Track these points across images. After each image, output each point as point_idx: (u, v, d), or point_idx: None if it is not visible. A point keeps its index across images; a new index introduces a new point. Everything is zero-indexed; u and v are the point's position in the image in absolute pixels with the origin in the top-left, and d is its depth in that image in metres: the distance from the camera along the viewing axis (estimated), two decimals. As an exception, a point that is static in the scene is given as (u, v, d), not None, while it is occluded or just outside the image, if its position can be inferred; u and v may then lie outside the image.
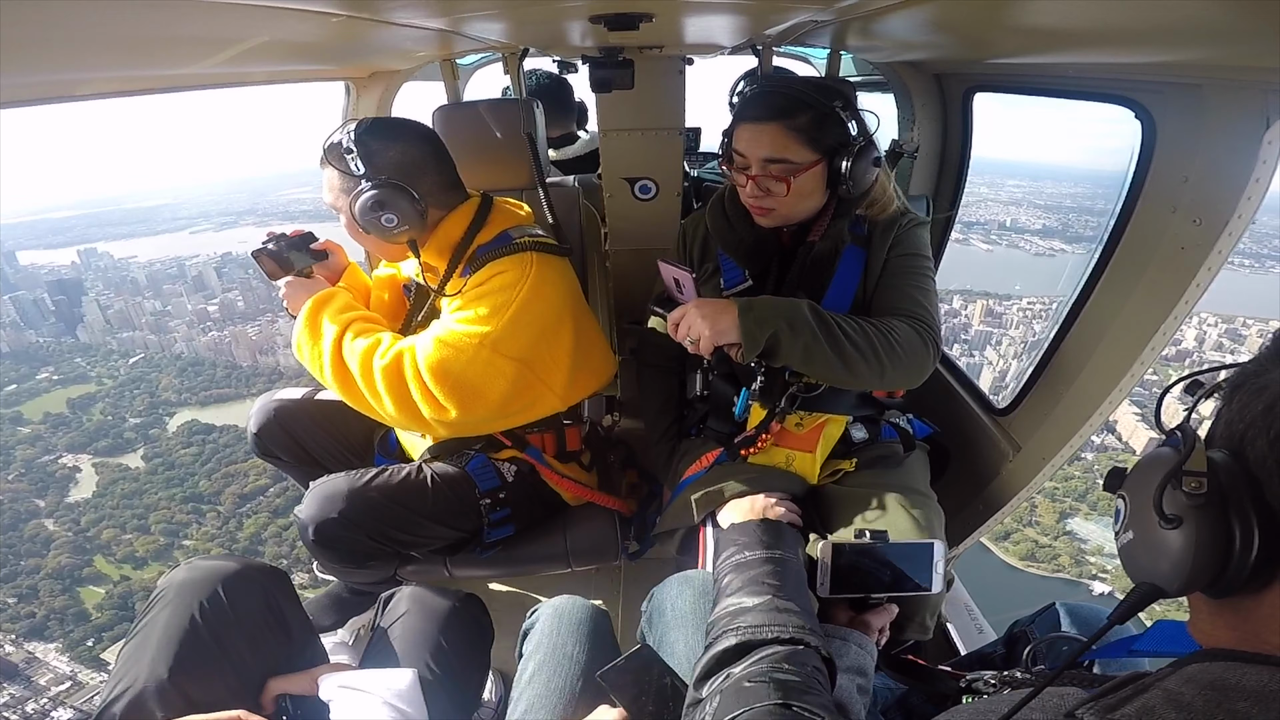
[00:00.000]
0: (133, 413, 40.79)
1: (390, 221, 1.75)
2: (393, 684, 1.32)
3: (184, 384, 43.89)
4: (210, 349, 48.54)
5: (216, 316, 52.13)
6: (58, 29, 0.94)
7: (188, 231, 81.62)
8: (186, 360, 46.91)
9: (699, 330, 1.56)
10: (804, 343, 1.54)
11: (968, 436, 2.38)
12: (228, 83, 2.00)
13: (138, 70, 1.50)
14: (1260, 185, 1.39)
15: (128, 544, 31.02)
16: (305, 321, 1.85)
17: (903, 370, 1.62)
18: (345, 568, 1.98)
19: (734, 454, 1.86)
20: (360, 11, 1.28)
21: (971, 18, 1.37)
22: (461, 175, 1.93)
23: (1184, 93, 1.53)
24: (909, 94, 2.70)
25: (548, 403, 1.96)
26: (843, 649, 1.28)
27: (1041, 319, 39.41)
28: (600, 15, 1.42)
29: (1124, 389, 1.78)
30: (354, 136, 1.74)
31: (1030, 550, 26.81)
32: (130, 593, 28.18)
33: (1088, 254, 1.93)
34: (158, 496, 33.49)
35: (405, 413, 1.80)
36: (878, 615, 1.41)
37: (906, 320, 1.65)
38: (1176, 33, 1.08)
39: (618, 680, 1.19)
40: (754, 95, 1.75)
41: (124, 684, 1.22)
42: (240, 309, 52.61)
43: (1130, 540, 0.75)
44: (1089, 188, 50.46)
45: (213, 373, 45.30)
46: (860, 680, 1.24)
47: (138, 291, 54.86)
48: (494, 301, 1.80)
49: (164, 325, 50.78)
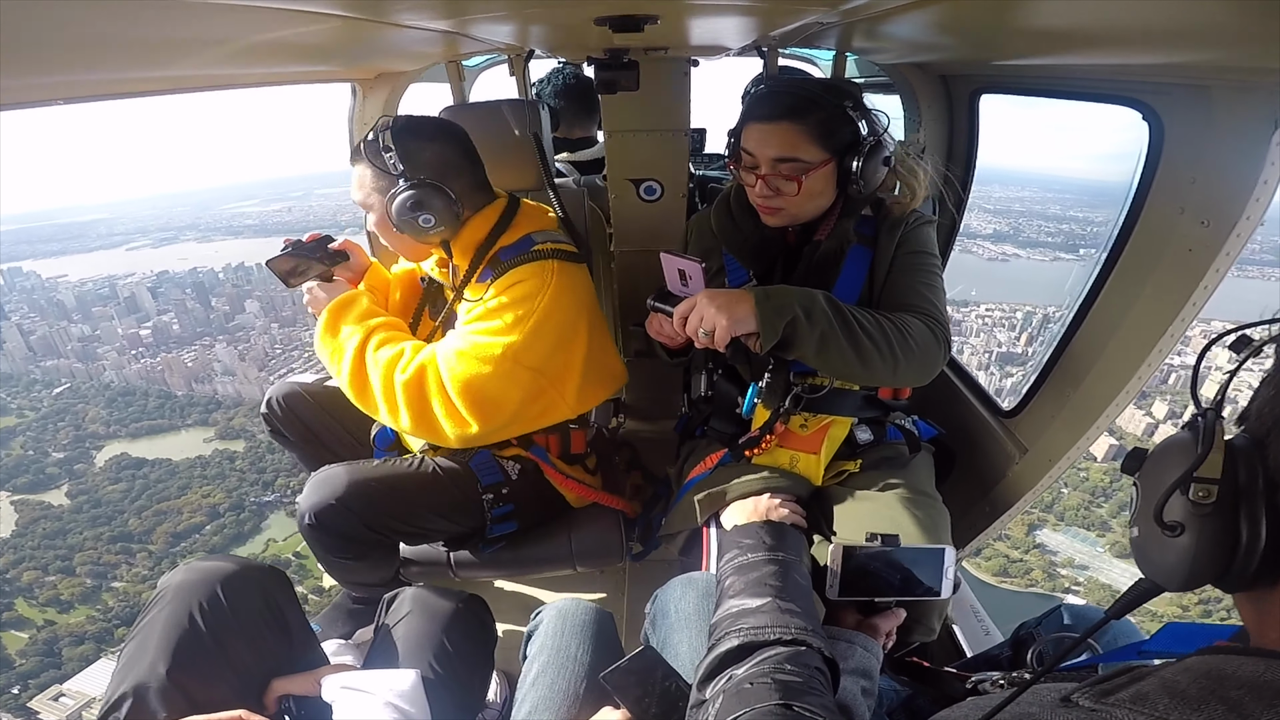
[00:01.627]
0: (56, 446, 39.44)
1: (428, 222, 1.76)
2: (395, 685, 1.32)
3: (113, 415, 42.28)
4: (142, 377, 47.00)
5: (149, 341, 50.47)
6: (63, 30, 0.94)
7: (124, 248, 79.55)
8: (116, 390, 45.29)
9: (713, 320, 1.50)
10: (820, 332, 1.50)
11: (974, 438, 2.37)
12: (233, 84, 2.01)
13: (143, 72, 1.51)
14: (1268, 187, 1.38)
15: (51, 586, 30.00)
16: (325, 327, 1.86)
17: (915, 366, 1.61)
18: (343, 560, 1.96)
19: (738, 455, 1.86)
20: (367, 13, 1.28)
21: (978, 19, 1.37)
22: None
23: (1192, 94, 1.52)
24: (915, 95, 2.70)
25: (559, 411, 1.97)
26: (848, 651, 1.27)
27: (1003, 327, 38.90)
28: (605, 17, 1.41)
29: (1131, 391, 1.77)
30: (392, 135, 1.75)
31: (1003, 566, 26.98)
32: (56, 638, 27.37)
33: (1046, 259, 1.94)
34: (83, 536, 32.36)
35: (423, 426, 1.81)
36: (885, 619, 1.40)
37: (918, 316, 1.64)
38: (1184, 34, 1.07)
39: (621, 682, 1.19)
40: (763, 94, 1.74)
41: (126, 685, 1.22)
42: (175, 332, 51.04)
43: (1136, 536, 0.75)
44: (1036, 191, 50.25)
45: (144, 403, 43.70)
46: (865, 683, 1.24)
47: (64, 315, 52.81)
48: (516, 312, 1.81)
49: (92, 352, 49.03)
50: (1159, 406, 34.78)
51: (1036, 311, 39.29)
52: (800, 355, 1.56)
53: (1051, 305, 40.72)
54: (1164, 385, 35.75)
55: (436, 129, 1.85)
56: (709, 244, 1.96)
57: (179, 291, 56.33)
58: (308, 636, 1.50)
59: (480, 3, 1.33)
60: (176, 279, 59.32)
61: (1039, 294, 43.78)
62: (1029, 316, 39.07)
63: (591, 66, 2.11)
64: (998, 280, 44.13)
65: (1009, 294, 42.56)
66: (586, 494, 2.17)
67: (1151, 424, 34.32)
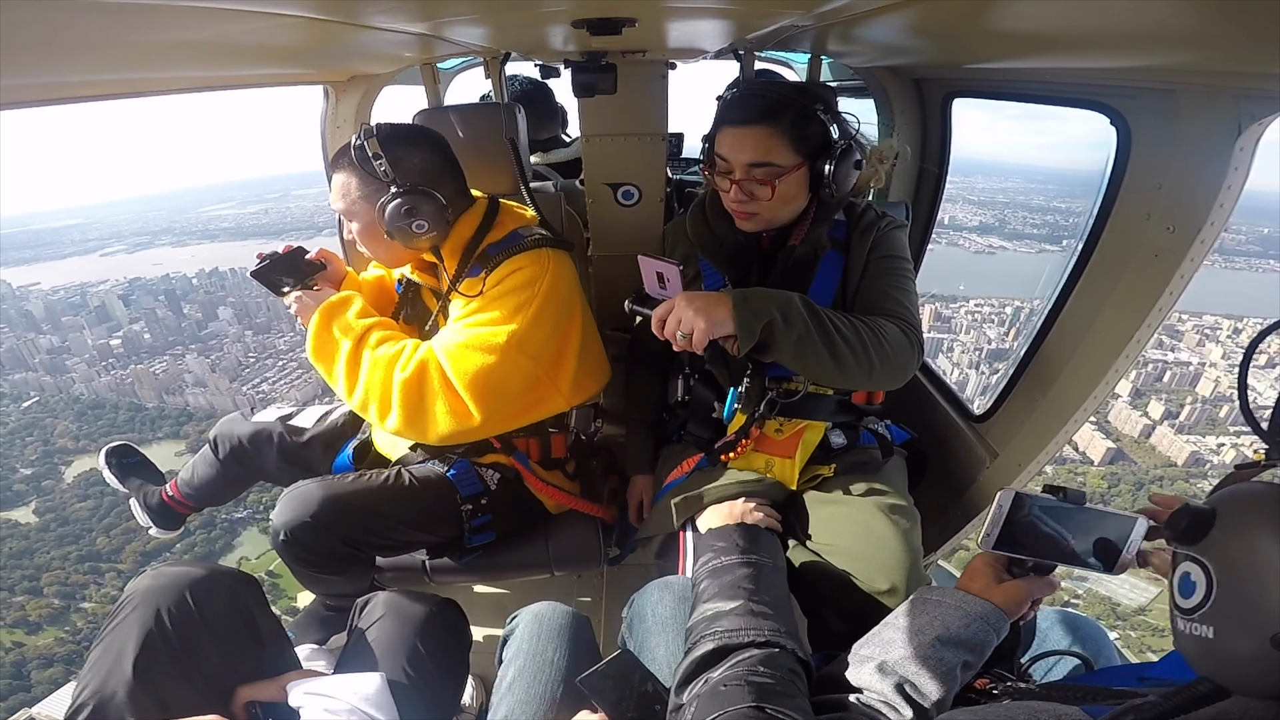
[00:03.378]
0: (24, 462, 38.08)
1: (421, 227, 1.75)
2: (360, 689, 1.31)
3: (82, 429, 40.90)
4: (112, 389, 46.03)
5: (120, 352, 49.42)
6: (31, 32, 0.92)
7: (98, 254, 78.07)
8: (86, 403, 44.10)
9: (691, 323, 1.48)
10: (797, 335, 1.49)
11: (946, 443, 2.40)
12: (204, 86, 1.98)
13: (111, 74, 1.48)
14: (1232, 192, 1.41)
15: (18, 607, 29.03)
16: (318, 327, 1.84)
17: (890, 370, 1.60)
18: (319, 575, 1.94)
19: (714, 459, 1.86)
20: (339, 16, 1.27)
21: (950, 23, 1.38)
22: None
23: (1158, 98, 1.55)
24: (889, 99, 2.73)
25: (553, 402, 1.98)
26: (960, 621, 1.11)
27: (992, 322, 38.84)
28: (583, 20, 1.41)
29: (1099, 396, 1.80)
30: (380, 141, 1.74)
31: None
32: (24, 660, 26.60)
33: (1031, 251, 1.96)
34: (50, 555, 31.36)
35: (414, 424, 1.80)
36: (1039, 584, 1.18)
37: (892, 320, 1.64)
38: (1150, 37, 1.09)
39: (598, 686, 1.18)
40: (736, 98, 1.75)
41: (90, 689, 1.20)
42: (147, 341, 50.10)
43: (1209, 638, 0.63)
44: (1019, 182, 50.65)
45: (114, 416, 42.51)
46: (969, 657, 1.10)
47: (33, 326, 51.70)
48: (516, 299, 1.81)
49: (61, 364, 47.87)
50: (1155, 406, 35.16)
51: (1024, 306, 39.37)
52: (777, 358, 1.55)
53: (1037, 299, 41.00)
54: (1159, 384, 36.17)
55: (420, 136, 1.84)
56: (685, 250, 1.96)
57: (151, 299, 55.11)
58: (280, 642, 1.47)
59: (455, 5, 1.32)
60: (149, 286, 58.04)
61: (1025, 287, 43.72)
62: (1018, 312, 39.17)
63: (569, 70, 2.10)
64: (985, 275, 44.37)
65: (997, 288, 42.73)
66: (565, 500, 2.16)
67: (1149, 424, 34.75)
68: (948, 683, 1.06)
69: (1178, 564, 0.68)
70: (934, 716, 1.04)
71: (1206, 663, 0.64)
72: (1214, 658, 0.63)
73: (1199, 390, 35.76)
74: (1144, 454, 34.65)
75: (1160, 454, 34.47)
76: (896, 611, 1.19)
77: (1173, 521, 0.67)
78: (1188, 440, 34.01)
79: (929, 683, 1.04)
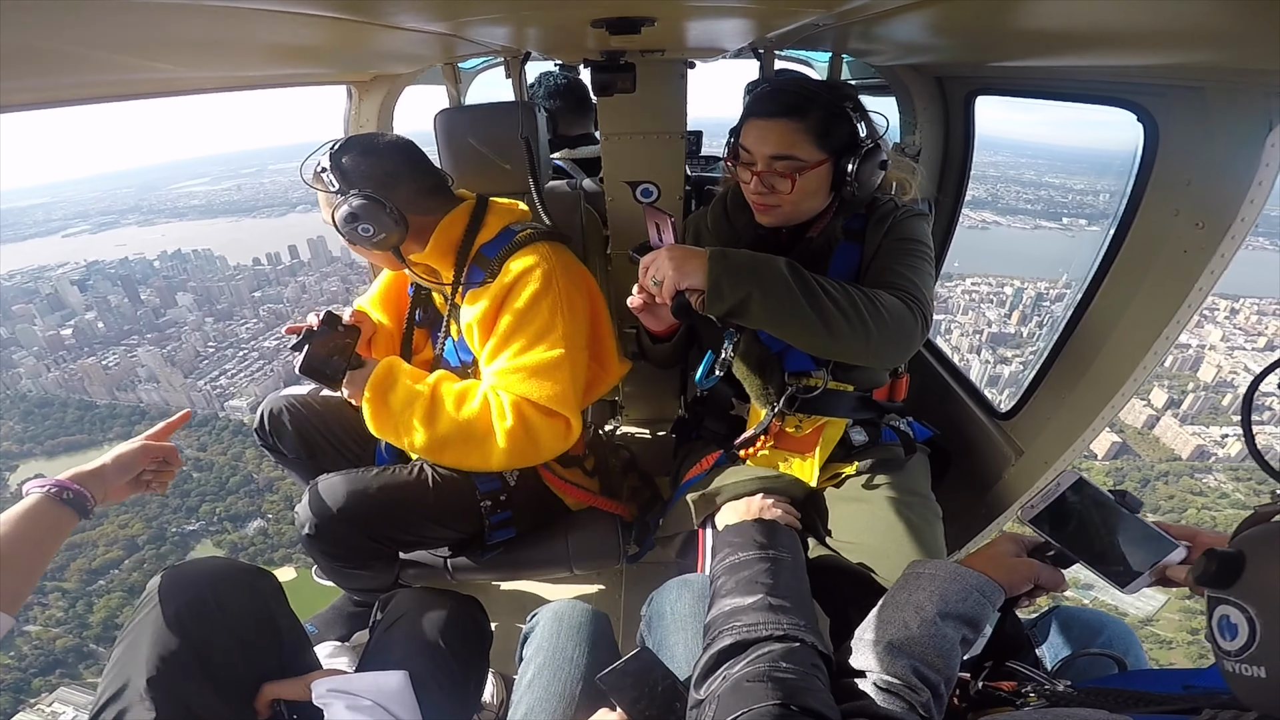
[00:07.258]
0: None
1: (367, 231, 1.76)
2: (382, 686, 1.32)
3: (28, 430, 38.32)
4: (61, 385, 43.59)
5: (71, 344, 46.61)
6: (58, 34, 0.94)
7: (60, 235, 74.66)
8: (33, 401, 41.23)
9: (663, 271, 1.49)
10: (778, 298, 1.45)
11: (969, 440, 2.37)
12: (228, 86, 2.00)
13: (137, 75, 1.50)
14: (1263, 188, 1.39)
15: None
16: (373, 410, 1.80)
17: (890, 338, 1.51)
18: (343, 569, 1.98)
19: (733, 456, 1.86)
20: (363, 16, 1.28)
21: (974, 21, 1.37)
22: (462, 179, 1.92)
23: (1186, 95, 1.52)
24: (911, 97, 2.70)
25: (603, 382, 2.05)
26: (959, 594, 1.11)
27: (990, 303, 37.89)
28: (602, 19, 1.41)
29: (1127, 393, 1.78)
30: (329, 155, 1.77)
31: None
32: None
33: (1027, 227, 1.93)
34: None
35: (524, 460, 1.83)
36: (1047, 572, 1.18)
37: (893, 291, 1.58)
38: (1179, 35, 1.07)
39: (618, 683, 1.18)
40: (764, 92, 1.73)
41: (112, 690, 1.21)
42: (100, 331, 47.69)
43: (1263, 677, 0.63)
44: (1009, 156, 49.87)
45: (63, 415, 39.92)
46: (967, 632, 1.10)
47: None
48: (545, 303, 1.81)
49: (8, 359, 45.16)
50: (1158, 394, 34.62)
51: (1027, 287, 38.52)
52: (759, 323, 1.51)
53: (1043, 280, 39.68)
54: (1160, 369, 35.75)
55: (374, 144, 1.84)
56: (704, 243, 1.95)
57: (108, 284, 52.68)
58: (300, 639, 1.49)
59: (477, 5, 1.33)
60: (106, 270, 55.25)
61: (1026, 266, 42.75)
62: (1019, 292, 38.44)
63: (588, 69, 2.11)
64: (980, 251, 43.60)
65: (993, 265, 41.93)
66: (584, 498, 2.17)
67: (1153, 415, 34.26)
68: (954, 658, 1.06)
69: (1213, 608, 0.69)
70: (945, 693, 1.03)
71: (1265, 703, 0.65)
72: (1272, 697, 0.64)
73: (1200, 375, 35.27)
74: (1148, 447, 34.38)
75: (1165, 446, 34.18)
76: (892, 589, 1.18)
77: (1202, 566, 0.68)
78: (1193, 432, 33.69)
79: (938, 659, 1.03)
